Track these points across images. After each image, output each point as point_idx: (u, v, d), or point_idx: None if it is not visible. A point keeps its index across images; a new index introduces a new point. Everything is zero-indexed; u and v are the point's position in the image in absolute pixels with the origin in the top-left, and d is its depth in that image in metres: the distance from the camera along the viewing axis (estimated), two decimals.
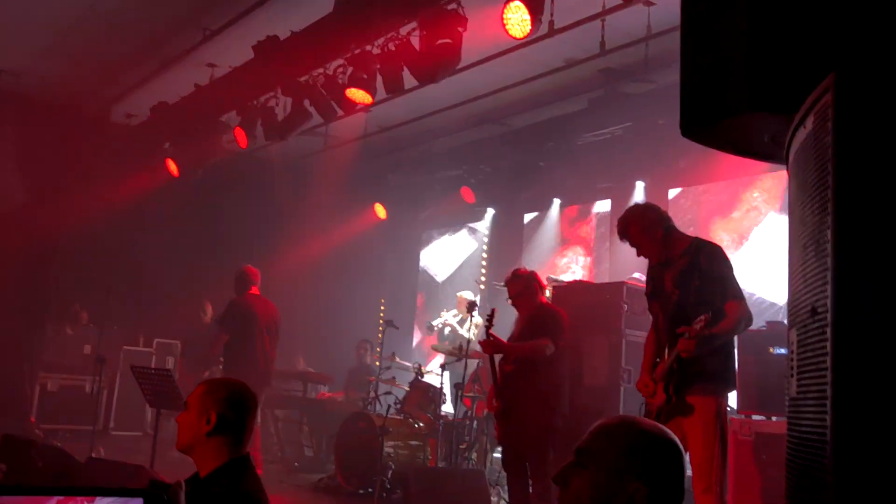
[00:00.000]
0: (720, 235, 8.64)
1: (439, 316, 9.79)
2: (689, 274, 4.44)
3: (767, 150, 2.04)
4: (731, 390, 4.52)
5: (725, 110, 1.89)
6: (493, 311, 6.14)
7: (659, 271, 4.66)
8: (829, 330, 1.06)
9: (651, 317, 4.77)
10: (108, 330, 8.99)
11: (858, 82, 1.11)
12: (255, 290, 8.03)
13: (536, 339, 5.76)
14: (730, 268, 4.47)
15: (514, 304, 6.14)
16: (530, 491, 5.87)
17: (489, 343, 5.89)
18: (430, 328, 9.86)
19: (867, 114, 1.09)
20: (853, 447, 1.01)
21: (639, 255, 4.76)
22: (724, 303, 4.33)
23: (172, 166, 10.68)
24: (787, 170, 1.59)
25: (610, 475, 1.58)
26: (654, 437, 1.63)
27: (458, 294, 10.23)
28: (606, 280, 8.87)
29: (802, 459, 1.22)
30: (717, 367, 4.35)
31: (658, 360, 4.58)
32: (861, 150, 1.08)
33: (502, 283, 6.45)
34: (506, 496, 6.49)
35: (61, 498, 0.94)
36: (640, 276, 8.23)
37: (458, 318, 9.63)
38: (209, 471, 2.76)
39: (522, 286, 6.03)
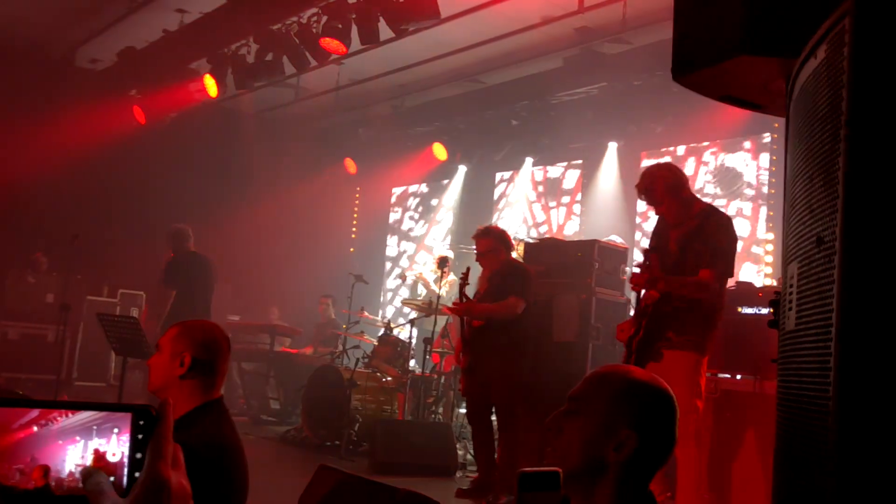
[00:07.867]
0: None
1: (411, 269, 9.81)
2: (694, 236, 4.47)
3: (759, 99, 2.03)
4: (707, 351, 4.54)
5: (719, 54, 1.88)
6: (467, 269, 6.15)
7: (664, 228, 4.68)
8: (836, 257, 1.06)
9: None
10: (72, 279, 8.83)
11: (876, 7, 1.10)
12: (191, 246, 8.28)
13: (506, 299, 5.79)
14: (731, 243, 4.48)
15: (480, 261, 6.12)
16: (495, 444, 5.95)
17: (461, 305, 5.92)
18: (404, 278, 9.93)
19: (885, 40, 1.08)
20: (860, 372, 1.02)
21: (657, 212, 4.72)
22: (702, 268, 4.36)
23: (139, 113, 10.45)
24: (789, 107, 1.59)
25: (601, 422, 1.60)
26: (646, 386, 1.64)
27: (435, 253, 10.27)
28: (577, 239, 8.89)
29: (800, 390, 1.22)
30: (696, 327, 4.40)
31: None
32: (877, 77, 1.07)
33: (472, 240, 6.43)
34: (471, 449, 6.56)
35: (41, 412, 0.89)
36: (616, 237, 8.30)
37: (434, 276, 9.65)
38: (182, 413, 2.73)
39: (493, 244, 6.01)
